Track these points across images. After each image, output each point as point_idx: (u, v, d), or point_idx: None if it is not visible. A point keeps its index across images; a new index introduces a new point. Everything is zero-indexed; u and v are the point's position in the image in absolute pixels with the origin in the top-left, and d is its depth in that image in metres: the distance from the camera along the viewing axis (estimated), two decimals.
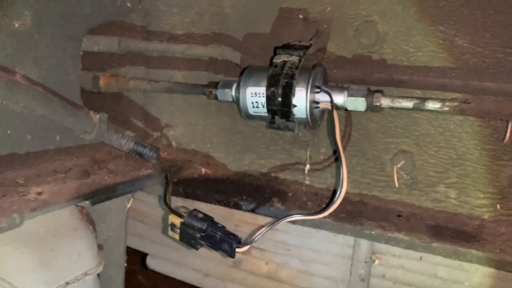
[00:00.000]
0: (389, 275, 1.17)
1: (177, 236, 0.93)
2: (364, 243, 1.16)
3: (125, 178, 1.04)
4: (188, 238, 0.91)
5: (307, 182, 1.15)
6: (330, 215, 0.98)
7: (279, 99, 0.94)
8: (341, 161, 0.90)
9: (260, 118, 1.03)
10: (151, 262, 1.55)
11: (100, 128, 1.07)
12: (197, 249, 0.91)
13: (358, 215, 1.02)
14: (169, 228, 0.93)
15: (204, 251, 1.07)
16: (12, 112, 0.97)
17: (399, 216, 1.02)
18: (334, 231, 1.04)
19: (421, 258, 1.12)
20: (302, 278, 1.29)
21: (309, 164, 1.14)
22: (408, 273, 1.15)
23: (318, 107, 0.97)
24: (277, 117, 0.98)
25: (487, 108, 0.88)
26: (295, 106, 0.95)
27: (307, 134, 1.09)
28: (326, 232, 1.14)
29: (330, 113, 0.95)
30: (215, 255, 1.31)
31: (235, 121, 1.21)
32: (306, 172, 1.14)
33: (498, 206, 0.98)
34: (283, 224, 1.16)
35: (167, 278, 1.56)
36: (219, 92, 1.07)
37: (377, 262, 1.18)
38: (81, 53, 1.15)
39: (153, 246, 1.52)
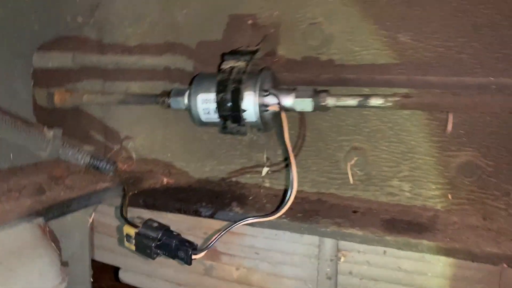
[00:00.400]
0: (355, 272, 1.18)
1: (133, 247, 0.93)
2: (328, 242, 1.17)
3: (81, 192, 1.03)
4: (144, 248, 0.91)
5: (266, 184, 1.16)
6: (287, 215, 0.99)
7: (229, 104, 0.95)
8: (290, 161, 0.91)
9: (213, 124, 1.03)
10: (123, 276, 1.53)
11: (55, 144, 1.07)
12: (153, 258, 0.91)
13: (314, 213, 1.03)
14: (125, 239, 0.93)
15: (176, 262, 1.07)
16: None
17: (355, 212, 1.03)
18: (292, 231, 1.05)
19: (385, 252, 1.13)
20: (272, 280, 1.29)
21: (267, 166, 1.14)
22: (374, 268, 1.16)
23: (268, 110, 0.98)
24: (228, 122, 0.99)
25: (427, 101, 0.91)
26: (244, 110, 0.96)
27: (262, 137, 1.10)
28: (292, 233, 1.15)
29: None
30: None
31: (194, 129, 1.21)
32: (264, 174, 1.15)
33: (449, 196, 1.00)
34: (250, 228, 1.17)
35: None
36: (172, 101, 1.07)
37: (342, 259, 1.19)
38: (32, 69, 1.15)
39: (124, 259, 1.51)
